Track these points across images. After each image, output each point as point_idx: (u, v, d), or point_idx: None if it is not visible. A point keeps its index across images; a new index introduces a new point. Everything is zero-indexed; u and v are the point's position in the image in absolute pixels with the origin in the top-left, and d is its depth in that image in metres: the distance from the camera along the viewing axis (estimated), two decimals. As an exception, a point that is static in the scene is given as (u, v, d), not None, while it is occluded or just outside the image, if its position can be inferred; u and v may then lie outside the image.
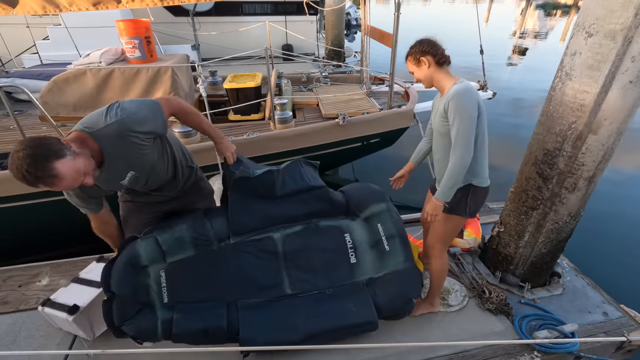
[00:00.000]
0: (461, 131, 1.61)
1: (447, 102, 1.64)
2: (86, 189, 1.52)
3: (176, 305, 1.75)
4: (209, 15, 7.68)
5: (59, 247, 3.22)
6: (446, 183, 1.69)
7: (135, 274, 1.71)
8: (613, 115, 1.73)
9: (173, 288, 1.76)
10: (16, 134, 3.54)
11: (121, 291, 1.65)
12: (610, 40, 1.60)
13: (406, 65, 1.81)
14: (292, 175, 2.01)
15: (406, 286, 1.93)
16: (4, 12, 2.67)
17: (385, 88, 4.83)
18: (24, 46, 6.05)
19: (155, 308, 1.73)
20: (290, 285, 1.89)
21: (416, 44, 1.75)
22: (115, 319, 1.64)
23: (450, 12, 25.64)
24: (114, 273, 1.68)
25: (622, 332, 2.09)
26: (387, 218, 2.00)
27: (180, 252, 1.79)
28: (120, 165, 1.48)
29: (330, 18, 8.97)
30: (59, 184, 1.24)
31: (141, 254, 1.73)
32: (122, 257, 1.72)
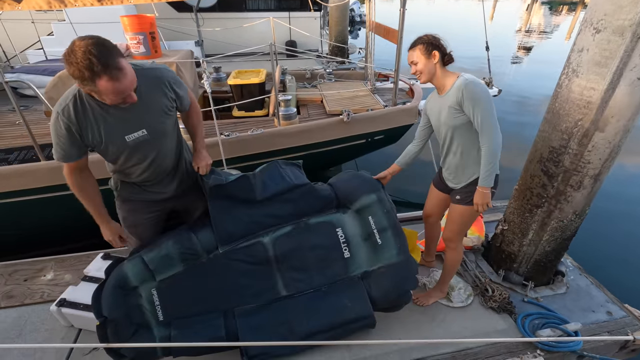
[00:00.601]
0: (486, 114, 1.65)
1: (460, 93, 1.66)
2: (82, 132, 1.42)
3: (173, 322, 1.75)
4: (212, 11, 7.65)
5: (63, 242, 3.25)
6: (487, 169, 1.72)
7: (126, 295, 1.71)
8: (620, 112, 1.71)
9: (167, 305, 1.75)
10: (21, 130, 3.57)
11: (114, 315, 1.64)
12: (619, 36, 1.58)
13: (410, 54, 1.78)
14: (271, 177, 1.98)
15: (401, 279, 1.93)
16: (10, 7, 2.67)
17: (389, 85, 4.80)
18: (28, 42, 6.06)
19: (151, 327, 1.73)
20: (285, 286, 1.89)
21: (429, 36, 1.75)
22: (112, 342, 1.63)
23: (455, 8, 25.43)
24: (104, 297, 1.67)
25: (625, 331, 2.08)
26: (378, 210, 1.97)
27: (169, 269, 1.78)
28: (140, 114, 1.48)
29: (334, 14, 8.92)
30: (121, 80, 1.26)
31: (129, 275, 1.72)
32: (110, 281, 1.71)
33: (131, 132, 1.49)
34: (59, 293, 2.07)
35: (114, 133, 1.47)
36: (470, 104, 1.65)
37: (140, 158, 1.59)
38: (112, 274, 1.74)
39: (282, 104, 3.66)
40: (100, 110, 1.43)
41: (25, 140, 3.40)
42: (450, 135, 1.82)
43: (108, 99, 1.31)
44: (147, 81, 1.49)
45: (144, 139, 1.53)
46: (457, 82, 1.70)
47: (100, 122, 1.43)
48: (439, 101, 1.82)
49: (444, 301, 2.23)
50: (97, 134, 1.45)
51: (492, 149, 1.68)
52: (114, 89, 1.27)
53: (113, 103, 1.35)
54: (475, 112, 1.66)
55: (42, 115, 3.85)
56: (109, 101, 1.34)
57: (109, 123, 1.45)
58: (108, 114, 1.43)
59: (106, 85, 1.25)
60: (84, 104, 1.41)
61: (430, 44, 1.73)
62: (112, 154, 1.54)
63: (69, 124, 1.39)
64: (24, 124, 2.72)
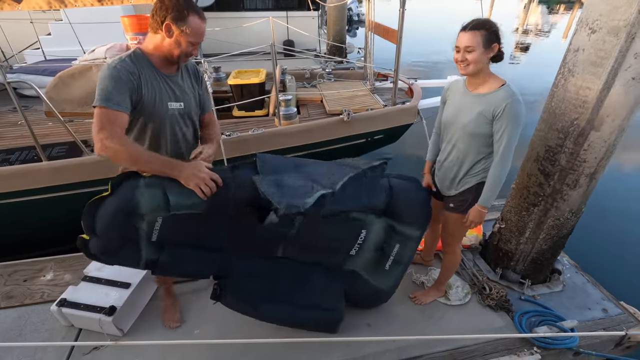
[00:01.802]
0: (512, 141, 1.56)
1: (502, 105, 1.52)
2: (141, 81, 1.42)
3: (166, 247, 1.57)
4: (210, 10, 7.65)
5: (65, 242, 3.25)
6: (493, 192, 1.68)
7: (127, 221, 1.47)
8: (615, 112, 1.73)
9: (166, 232, 1.54)
10: (22, 130, 3.57)
11: (106, 234, 1.43)
12: (614, 36, 1.59)
13: (466, 37, 1.51)
14: (349, 194, 1.71)
15: (375, 300, 2.15)
16: (10, 7, 2.68)
17: (388, 84, 4.82)
18: (24, 41, 6.04)
19: (140, 245, 1.53)
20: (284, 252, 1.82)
21: (493, 23, 1.53)
22: (93, 250, 1.46)
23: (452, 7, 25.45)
24: (102, 216, 1.41)
25: (621, 328, 2.10)
26: (409, 245, 1.93)
27: (189, 209, 1.51)
28: (181, 89, 1.58)
29: (332, 14, 8.91)
30: (204, 23, 1.46)
31: (141, 204, 1.44)
32: (115, 202, 1.42)
33: (173, 101, 1.55)
34: (59, 293, 2.08)
35: (163, 95, 1.51)
36: (504, 123, 1.54)
37: (170, 132, 1.57)
38: (121, 194, 1.43)
39: (283, 104, 3.68)
40: (155, 72, 1.49)
41: (26, 140, 3.40)
42: (459, 138, 1.72)
43: (192, 38, 1.43)
44: (187, 67, 1.65)
45: (179, 112, 1.59)
46: (504, 91, 1.54)
47: (155, 81, 1.49)
48: (467, 98, 1.67)
49: (442, 299, 2.25)
50: (152, 90, 1.46)
51: (500, 176, 1.64)
52: (201, 27, 1.44)
53: (189, 50, 1.46)
54: (504, 133, 1.55)
55: (43, 116, 3.85)
56: (187, 46, 1.44)
57: (161, 85, 1.51)
58: (160, 77, 1.51)
59: (197, 21, 1.42)
60: (140, 61, 1.46)
61: (495, 34, 1.51)
62: (150, 117, 1.49)
63: (129, 71, 1.38)
64: (24, 124, 2.72)
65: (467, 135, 1.67)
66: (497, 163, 1.63)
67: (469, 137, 1.68)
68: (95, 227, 1.42)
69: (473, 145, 1.69)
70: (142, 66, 1.45)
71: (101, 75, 1.36)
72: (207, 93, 1.78)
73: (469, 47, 1.51)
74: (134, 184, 1.43)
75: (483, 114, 1.59)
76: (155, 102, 1.48)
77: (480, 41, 1.49)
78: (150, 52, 1.47)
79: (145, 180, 1.44)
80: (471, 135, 1.66)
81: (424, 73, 9.68)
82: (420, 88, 4.45)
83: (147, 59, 1.47)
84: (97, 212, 1.41)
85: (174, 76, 1.55)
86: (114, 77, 1.34)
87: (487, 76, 1.61)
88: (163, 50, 1.45)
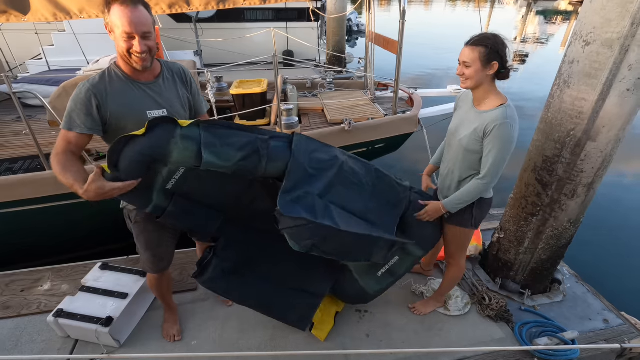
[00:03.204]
0: (498, 162, 1.56)
1: (492, 126, 1.52)
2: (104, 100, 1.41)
3: (176, 198, 1.54)
4: (211, 21, 7.75)
5: (67, 251, 3.25)
6: (461, 199, 1.70)
7: (151, 166, 1.43)
8: (611, 122, 1.74)
9: (181, 183, 1.51)
10: (25, 139, 3.60)
11: (125, 175, 1.36)
12: (608, 48, 1.62)
13: (466, 52, 1.51)
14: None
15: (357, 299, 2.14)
16: (16, 19, 2.72)
17: (389, 94, 4.86)
18: (26, 52, 6.12)
19: (154, 189, 1.49)
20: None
21: (498, 40, 1.49)
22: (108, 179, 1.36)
23: (451, 17, 25.80)
24: (128, 155, 1.33)
25: (623, 339, 2.08)
26: (408, 261, 1.94)
27: (216, 168, 1.47)
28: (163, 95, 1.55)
29: (332, 25, 9.04)
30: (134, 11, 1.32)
31: (172, 154, 1.38)
32: (147, 145, 1.34)
33: (153, 109, 1.53)
34: (56, 304, 2.07)
35: (137, 105, 1.50)
36: (491, 143, 1.53)
37: None
38: (154, 138, 1.35)
39: (285, 113, 3.70)
40: (128, 83, 1.49)
41: (29, 149, 3.43)
42: (456, 151, 1.73)
43: (119, 29, 1.34)
44: (171, 71, 1.62)
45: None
46: (499, 112, 1.52)
47: (127, 92, 1.48)
48: (470, 113, 1.67)
49: (442, 310, 2.24)
50: (121, 104, 1.46)
51: (480, 191, 1.64)
52: (124, 14, 1.32)
53: (124, 46, 1.37)
54: (490, 153, 1.55)
55: (46, 125, 3.88)
56: (121, 41, 1.36)
57: (135, 95, 1.50)
58: (134, 86, 1.50)
59: (118, 9, 1.32)
60: (111, 75, 1.47)
61: (496, 52, 1.48)
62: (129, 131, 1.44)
63: (92, 91, 1.41)
64: (28, 133, 2.75)
65: (462, 150, 1.68)
66: (479, 178, 1.63)
67: (464, 152, 1.68)
68: (119, 162, 1.34)
69: (466, 160, 1.69)
70: (113, 79, 1.46)
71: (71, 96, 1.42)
72: (198, 95, 1.73)
73: (467, 63, 1.52)
74: (171, 132, 1.36)
75: (477, 131, 1.59)
76: (130, 113, 1.47)
77: (477, 57, 1.49)
78: (119, 62, 1.47)
79: (183, 131, 1.37)
80: (465, 150, 1.66)
81: (424, 82, 9.76)
82: (420, 97, 4.49)
83: (121, 70, 1.47)
84: (125, 148, 1.34)
85: (152, 83, 1.53)
86: (74, 99, 1.40)
87: (488, 93, 1.59)
88: (119, 54, 1.42)
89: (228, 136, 1.44)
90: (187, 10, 3.10)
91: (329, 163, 1.66)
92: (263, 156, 1.48)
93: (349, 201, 1.70)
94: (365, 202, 1.75)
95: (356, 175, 1.73)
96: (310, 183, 1.60)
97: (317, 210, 1.56)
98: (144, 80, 1.51)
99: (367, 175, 1.77)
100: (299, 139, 1.60)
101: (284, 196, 1.50)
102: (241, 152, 1.44)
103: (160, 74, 1.56)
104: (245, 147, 1.45)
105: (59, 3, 2.77)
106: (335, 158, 1.68)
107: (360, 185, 1.74)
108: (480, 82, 1.55)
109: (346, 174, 1.70)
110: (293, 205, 1.51)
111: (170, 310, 2.13)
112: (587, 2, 1.69)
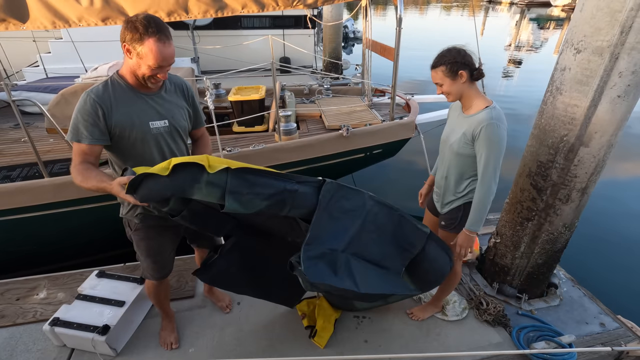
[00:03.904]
0: (492, 163, 1.57)
1: (479, 128, 1.55)
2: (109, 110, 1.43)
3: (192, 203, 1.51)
4: (208, 29, 7.81)
5: (65, 259, 3.23)
6: (479, 215, 1.68)
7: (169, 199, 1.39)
8: (603, 128, 1.77)
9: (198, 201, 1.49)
10: (24, 147, 3.60)
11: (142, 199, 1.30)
12: (598, 56, 1.65)
13: (433, 75, 1.62)
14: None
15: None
16: (15, 27, 2.73)
17: (386, 100, 4.91)
18: (23, 59, 6.13)
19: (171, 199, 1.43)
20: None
21: (453, 53, 1.56)
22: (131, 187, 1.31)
23: (446, 24, 26.10)
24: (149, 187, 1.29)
25: (619, 342, 2.10)
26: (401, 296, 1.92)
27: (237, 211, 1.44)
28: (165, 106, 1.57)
29: (328, 32, 9.13)
30: (167, 46, 1.39)
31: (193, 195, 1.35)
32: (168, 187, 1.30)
33: (156, 119, 1.54)
34: (52, 312, 2.06)
35: (142, 115, 1.51)
36: (481, 145, 1.56)
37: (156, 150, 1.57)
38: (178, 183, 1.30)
39: (283, 120, 3.73)
40: (131, 93, 1.50)
41: (27, 157, 3.42)
42: (448, 157, 1.76)
43: (149, 62, 1.37)
44: (173, 83, 1.65)
45: (165, 130, 1.57)
46: (484, 114, 1.56)
47: (131, 102, 1.49)
48: (459, 118, 1.71)
49: (439, 315, 2.24)
50: (125, 114, 1.47)
51: (483, 199, 1.63)
52: (159, 50, 1.36)
53: (149, 73, 1.41)
54: (482, 156, 1.58)
55: (44, 132, 3.88)
56: (146, 69, 1.40)
57: (139, 105, 1.51)
58: (138, 97, 1.51)
59: (154, 44, 1.35)
60: (114, 85, 1.48)
61: (455, 63, 1.54)
62: (132, 140, 1.50)
63: (97, 102, 1.42)
64: (27, 140, 2.74)
65: (454, 155, 1.71)
66: (479, 185, 1.65)
67: (455, 157, 1.71)
68: (137, 191, 1.30)
69: (458, 165, 1.72)
70: (117, 89, 1.47)
71: (75, 107, 1.43)
72: (198, 110, 1.76)
73: (438, 83, 1.63)
74: (196, 177, 1.32)
75: (465, 134, 1.62)
76: (134, 123, 1.49)
77: (443, 75, 1.59)
78: (125, 73, 1.48)
79: (210, 177, 1.32)
80: (456, 154, 1.70)
81: (420, 88, 9.85)
82: (417, 103, 4.54)
83: (125, 81, 1.49)
84: (147, 180, 1.29)
85: (155, 94, 1.55)
86: (81, 111, 1.42)
87: (472, 98, 1.63)
88: (132, 71, 1.45)
89: (255, 185, 1.39)
90: (185, 18, 3.12)
91: (355, 213, 1.64)
92: (287, 204, 1.46)
93: (368, 249, 1.69)
94: (382, 248, 1.73)
95: (379, 222, 1.70)
96: (334, 234, 1.57)
97: (338, 267, 1.56)
98: (147, 91, 1.53)
99: (389, 221, 1.73)
100: (328, 189, 1.55)
101: (307, 250, 1.48)
102: (266, 202, 1.41)
103: (162, 85, 1.59)
104: (271, 197, 1.41)
105: (58, 11, 2.79)
106: (362, 207, 1.66)
107: (381, 230, 1.72)
108: (460, 92, 1.62)
109: (370, 223, 1.68)
110: (315, 264, 1.48)
111: (168, 317, 2.12)
112: (577, 11, 1.73)
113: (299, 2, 3.24)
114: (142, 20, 1.34)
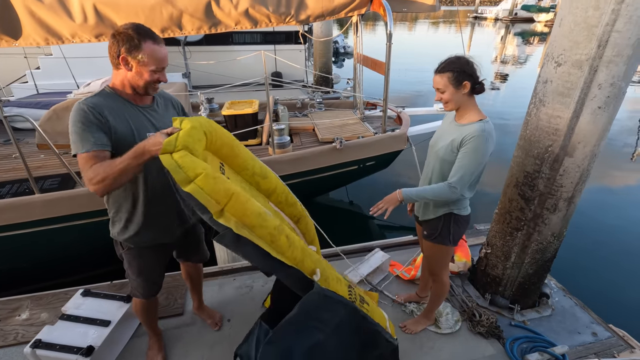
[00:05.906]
0: (468, 171, 1.58)
1: (469, 138, 1.56)
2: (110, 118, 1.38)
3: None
4: (199, 44, 7.89)
5: (45, 278, 3.14)
6: (424, 195, 1.67)
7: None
8: (586, 138, 1.81)
9: None
10: (13, 163, 3.55)
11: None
12: (578, 69, 1.70)
13: (436, 79, 1.61)
14: None
15: None
16: (7, 44, 2.72)
17: (378, 112, 4.98)
18: (10, 75, 6.10)
19: None
20: None
21: (462, 62, 1.56)
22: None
23: (434, 38, 26.76)
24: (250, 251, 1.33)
25: (612, 352, 2.09)
26: None
27: None
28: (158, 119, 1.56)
29: (319, 47, 9.30)
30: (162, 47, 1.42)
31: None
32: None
33: (152, 131, 1.50)
34: (34, 333, 1.98)
35: (139, 126, 1.48)
36: (465, 152, 1.57)
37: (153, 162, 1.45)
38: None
39: (276, 133, 3.76)
40: (127, 104, 1.48)
41: (17, 173, 3.37)
42: (433, 163, 1.77)
43: (151, 66, 1.39)
44: (162, 97, 1.67)
45: None
46: (476, 126, 1.57)
47: (129, 113, 1.46)
48: (450, 126, 1.72)
49: (432, 328, 2.22)
50: (124, 122, 1.43)
51: (446, 195, 1.63)
52: (158, 52, 1.39)
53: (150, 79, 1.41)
54: (458, 161, 1.60)
55: (34, 148, 3.85)
56: (148, 75, 1.40)
57: (136, 116, 1.48)
58: (133, 108, 1.49)
59: (152, 47, 1.37)
60: (108, 97, 1.44)
61: (463, 72, 1.54)
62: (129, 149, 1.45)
63: (95, 109, 1.35)
64: (18, 156, 2.71)
65: (438, 160, 1.71)
66: (445, 182, 1.64)
67: (440, 162, 1.71)
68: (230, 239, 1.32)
69: (442, 170, 1.72)
70: (112, 102, 1.43)
71: (71, 120, 1.33)
72: None
73: (440, 89, 1.61)
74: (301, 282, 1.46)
75: (454, 142, 1.63)
76: (134, 135, 1.45)
77: (448, 82, 1.57)
78: (119, 87, 1.46)
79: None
80: (441, 160, 1.70)
81: (411, 101, 10.01)
82: (408, 116, 4.61)
83: (117, 94, 1.46)
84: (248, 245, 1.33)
85: (148, 107, 1.55)
86: (82, 120, 1.33)
87: (468, 110, 1.64)
88: (129, 84, 1.44)
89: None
90: (179, 34, 3.15)
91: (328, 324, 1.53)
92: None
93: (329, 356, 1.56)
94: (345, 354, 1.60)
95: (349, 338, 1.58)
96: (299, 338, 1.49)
97: None
98: (142, 104, 1.53)
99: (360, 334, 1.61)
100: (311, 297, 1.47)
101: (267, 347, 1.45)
102: None
103: (154, 100, 1.60)
104: None
105: (51, 28, 2.79)
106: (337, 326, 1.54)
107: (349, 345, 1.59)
108: (459, 102, 1.63)
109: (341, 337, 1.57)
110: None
111: (155, 336, 2.06)
112: (556, 26, 1.79)
113: (291, 18, 3.30)
114: (132, 28, 1.35)
